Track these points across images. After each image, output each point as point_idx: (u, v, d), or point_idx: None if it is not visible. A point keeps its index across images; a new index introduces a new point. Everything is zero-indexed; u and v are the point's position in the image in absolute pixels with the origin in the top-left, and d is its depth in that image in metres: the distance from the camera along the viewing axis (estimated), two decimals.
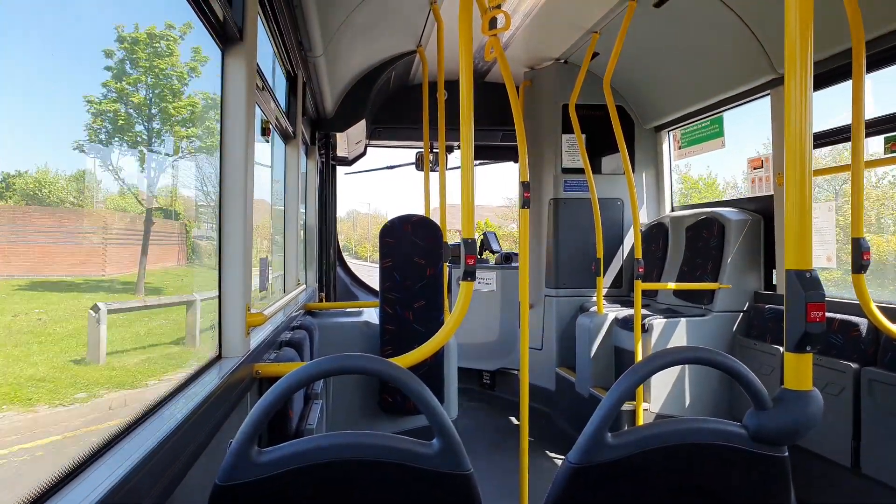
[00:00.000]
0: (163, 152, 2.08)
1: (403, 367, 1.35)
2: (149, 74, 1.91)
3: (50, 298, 1.53)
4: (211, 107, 2.40)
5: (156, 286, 2.22)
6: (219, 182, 2.30)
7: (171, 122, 2.09)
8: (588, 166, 5.40)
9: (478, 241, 7.88)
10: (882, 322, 3.10)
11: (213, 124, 2.37)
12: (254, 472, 1.26)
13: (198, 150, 2.44)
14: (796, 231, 1.64)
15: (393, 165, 8.37)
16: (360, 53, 5.37)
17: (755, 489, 1.44)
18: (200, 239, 2.64)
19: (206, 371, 1.99)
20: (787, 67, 1.64)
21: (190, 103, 2.21)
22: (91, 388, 1.57)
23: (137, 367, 1.91)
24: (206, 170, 2.47)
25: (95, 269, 1.71)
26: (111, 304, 1.73)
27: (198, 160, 2.46)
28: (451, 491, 1.32)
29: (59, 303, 1.59)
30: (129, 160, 1.83)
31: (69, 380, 1.49)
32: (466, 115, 2.55)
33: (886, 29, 3.54)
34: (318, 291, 6.20)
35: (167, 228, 2.37)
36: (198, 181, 2.51)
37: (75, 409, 1.45)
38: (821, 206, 4.44)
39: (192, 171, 2.43)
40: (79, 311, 1.62)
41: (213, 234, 2.43)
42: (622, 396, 1.41)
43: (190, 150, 2.38)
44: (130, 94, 1.81)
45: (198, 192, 2.56)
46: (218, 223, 2.31)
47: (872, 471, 3.45)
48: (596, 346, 5.39)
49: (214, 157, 2.36)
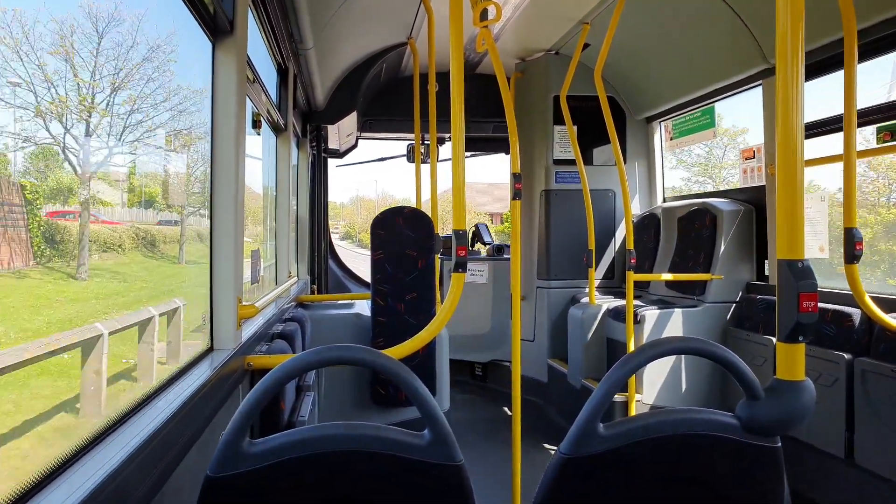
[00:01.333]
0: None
1: (395, 359, 1.35)
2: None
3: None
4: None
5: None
6: (210, 175, 2.29)
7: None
8: (579, 157, 5.41)
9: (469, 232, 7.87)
10: (875, 312, 3.11)
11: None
12: (245, 463, 1.26)
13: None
14: (788, 221, 1.64)
15: (384, 157, 8.36)
16: (351, 45, 5.35)
17: (748, 479, 1.44)
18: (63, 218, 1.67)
19: (197, 363, 1.99)
20: (779, 58, 1.64)
21: None
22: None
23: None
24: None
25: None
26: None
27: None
28: (442, 482, 1.32)
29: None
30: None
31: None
32: (458, 107, 2.54)
33: (878, 18, 3.55)
34: (310, 283, 6.19)
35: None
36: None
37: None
38: (813, 196, 4.46)
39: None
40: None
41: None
42: (613, 387, 1.41)
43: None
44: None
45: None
46: (209, 216, 2.29)
47: (865, 461, 3.48)
48: (588, 338, 5.40)
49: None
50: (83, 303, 1.67)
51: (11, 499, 1.01)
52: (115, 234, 1.92)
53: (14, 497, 1.02)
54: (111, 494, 1.12)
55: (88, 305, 1.68)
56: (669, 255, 5.62)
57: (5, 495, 1.00)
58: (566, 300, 6.18)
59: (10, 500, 1.00)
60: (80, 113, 1.63)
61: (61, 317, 1.57)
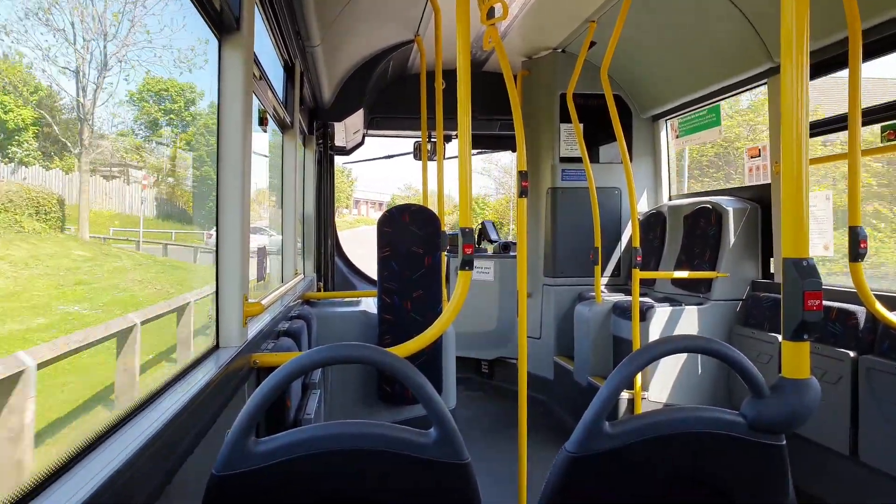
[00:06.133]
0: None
1: (401, 357, 1.35)
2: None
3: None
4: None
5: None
6: (216, 173, 2.30)
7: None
8: (586, 155, 5.40)
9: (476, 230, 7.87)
10: (879, 310, 3.11)
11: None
12: (251, 461, 1.26)
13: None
14: (793, 220, 1.64)
15: (391, 155, 8.37)
16: (358, 43, 5.35)
17: (753, 477, 1.44)
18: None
19: (203, 361, 1.99)
20: (784, 57, 1.64)
21: None
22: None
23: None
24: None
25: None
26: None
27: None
28: (449, 480, 1.33)
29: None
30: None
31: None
32: (464, 105, 2.54)
33: (883, 18, 3.53)
34: (317, 281, 6.21)
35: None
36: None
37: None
38: (818, 194, 4.44)
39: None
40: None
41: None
42: (620, 385, 1.42)
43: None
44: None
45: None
46: (216, 214, 2.30)
47: (870, 458, 3.47)
48: (594, 335, 5.40)
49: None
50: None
51: (17, 496, 1.01)
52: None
53: (20, 494, 1.02)
54: (117, 492, 1.12)
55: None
56: (675, 253, 5.61)
57: (11, 493, 1.01)
58: (572, 298, 6.18)
59: (15, 497, 1.01)
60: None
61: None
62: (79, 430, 1.54)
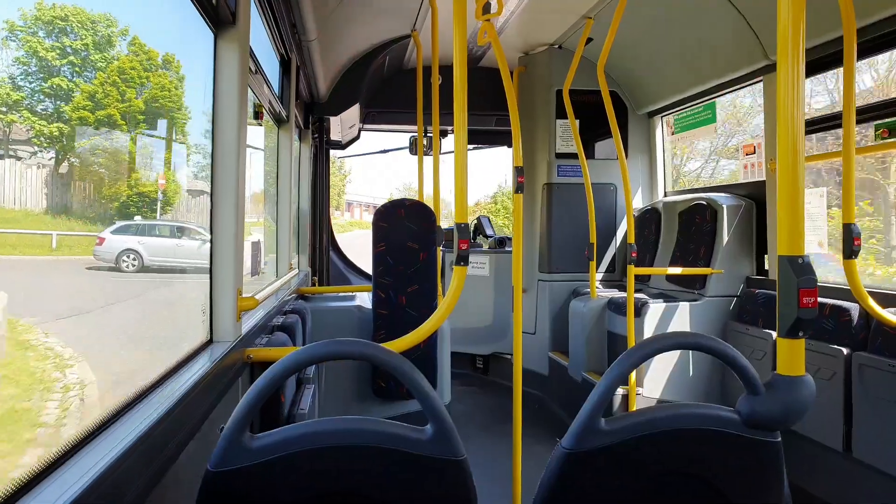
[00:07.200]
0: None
1: (396, 352, 1.35)
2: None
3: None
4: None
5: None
6: (211, 167, 2.29)
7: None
8: (581, 151, 5.41)
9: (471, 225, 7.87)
10: (873, 307, 3.13)
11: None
12: (246, 458, 1.26)
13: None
14: (789, 217, 1.64)
15: (387, 149, 8.37)
16: (354, 37, 5.34)
17: (748, 474, 1.45)
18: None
19: (197, 355, 1.99)
20: (780, 54, 1.64)
21: None
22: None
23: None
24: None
25: None
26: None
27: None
28: (445, 477, 1.33)
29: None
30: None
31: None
32: (460, 100, 2.54)
33: (878, 16, 3.54)
34: (311, 275, 6.20)
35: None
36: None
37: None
38: (813, 192, 4.46)
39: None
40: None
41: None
42: (615, 382, 1.42)
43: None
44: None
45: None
46: (210, 208, 2.29)
47: (863, 454, 3.50)
48: (589, 331, 5.41)
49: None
50: None
51: (4, 494, 1.00)
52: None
53: (9, 492, 1.01)
54: (108, 489, 1.11)
55: None
56: (670, 250, 5.62)
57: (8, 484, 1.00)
58: (567, 293, 6.18)
59: (3, 495, 1.00)
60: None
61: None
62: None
